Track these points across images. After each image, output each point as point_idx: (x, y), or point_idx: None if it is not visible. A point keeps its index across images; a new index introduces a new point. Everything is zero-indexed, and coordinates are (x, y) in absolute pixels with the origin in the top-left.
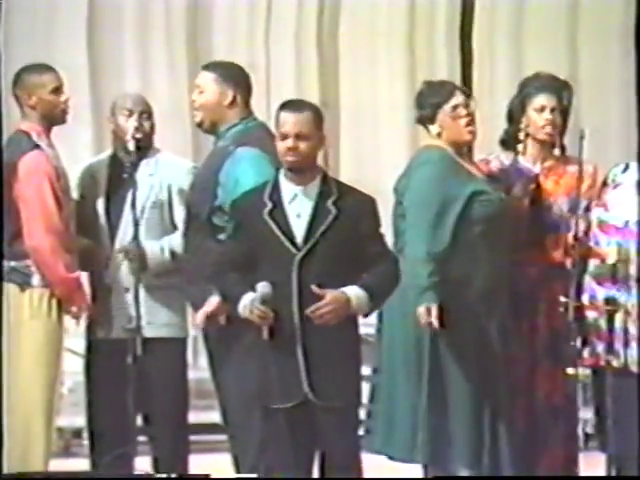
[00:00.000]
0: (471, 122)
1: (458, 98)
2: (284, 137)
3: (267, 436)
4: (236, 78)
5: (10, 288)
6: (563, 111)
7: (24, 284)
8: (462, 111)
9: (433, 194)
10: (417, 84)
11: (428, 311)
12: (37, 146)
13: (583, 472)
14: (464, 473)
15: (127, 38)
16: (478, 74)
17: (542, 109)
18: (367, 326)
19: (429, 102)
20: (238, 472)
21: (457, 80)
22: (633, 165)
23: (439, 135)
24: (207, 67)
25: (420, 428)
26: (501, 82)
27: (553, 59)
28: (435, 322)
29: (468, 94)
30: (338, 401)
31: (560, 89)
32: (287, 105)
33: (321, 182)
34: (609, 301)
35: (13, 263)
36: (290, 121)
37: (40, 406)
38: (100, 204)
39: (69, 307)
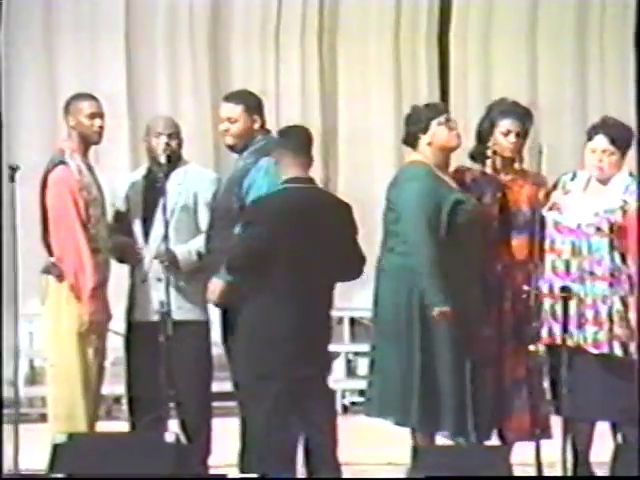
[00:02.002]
0: (458, 135)
1: (447, 115)
2: None
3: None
4: (258, 105)
5: (50, 279)
6: (524, 134)
7: (61, 276)
8: (451, 124)
9: (425, 204)
10: (403, 110)
11: (444, 314)
12: (63, 162)
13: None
14: (448, 439)
15: (159, 69)
16: (454, 101)
17: (508, 133)
18: (364, 310)
19: (425, 116)
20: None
21: None
22: (580, 174)
23: (429, 144)
24: (230, 98)
25: (412, 396)
26: (472, 106)
27: (516, 84)
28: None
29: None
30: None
31: (524, 116)
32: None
33: None
34: (564, 289)
35: (52, 258)
36: None
37: (79, 376)
38: (137, 209)
39: (85, 306)
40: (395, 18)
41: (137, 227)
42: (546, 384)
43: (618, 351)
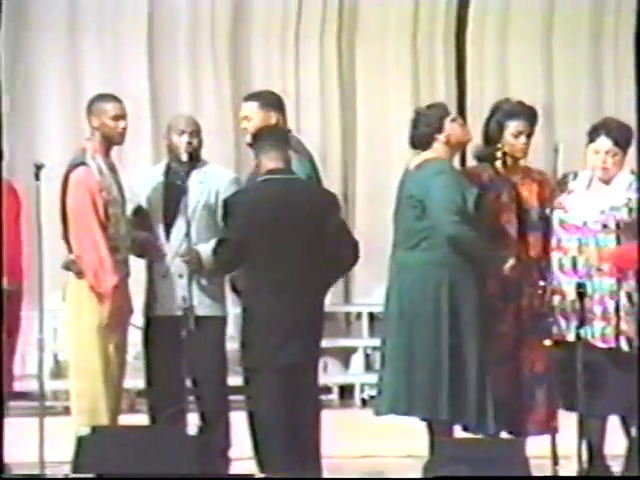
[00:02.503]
0: (467, 128)
1: (453, 115)
2: None
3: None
4: (275, 103)
5: (71, 275)
6: (531, 133)
7: (81, 273)
8: (460, 120)
9: (454, 194)
10: None
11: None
12: (84, 163)
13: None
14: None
15: (180, 69)
16: (471, 99)
17: (518, 134)
18: (377, 306)
19: (436, 116)
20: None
21: (453, 103)
22: (582, 173)
23: (446, 143)
24: (248, 98)
25: (441, 390)
26: (488, 104)
27: (532, 84)
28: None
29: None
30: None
31: (531, 116)
32: None
33: None
34: (580, 286)
35: (72, 256)
36: None
37: (100, 371)
38: (158, 206)
39: (105, 304)
40: (413, 18)
41: (158, 223)
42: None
43: (625, 346)
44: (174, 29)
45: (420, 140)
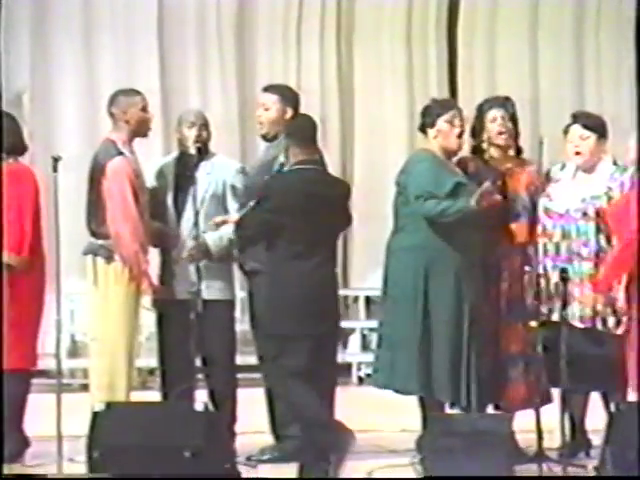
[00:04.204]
0: (461, 134)
1: (455, 112)
2: None
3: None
4: (293, 100)
5: (98, 260)
6: (512, 119)
7: (109, 258)
8: (456, 122)
9: (430, 180)
10: (414, 104)
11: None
12: (121, 153)
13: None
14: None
15: (190, 66)
16: (462, 95)
17: (494, 119)
18: (378, 290)
19: (434, 112)
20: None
21: None
22: (569, 164)
23: (435, 138)
24: (269, 89)
25: (414, 366)
26: (478, 100)
27: (519, 80)
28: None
29: (461, 111)
30: None
31: (504, 102)
32: None
33: None
34: (563, 271)
35: (101, 242)
36: None
37: (122, 350)
38: (169, 196)
39: (137, 280)
40: (407, 17)
41: (170, 212)
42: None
43: (600, 326)
44: (183, 30)
45: (421, 128)
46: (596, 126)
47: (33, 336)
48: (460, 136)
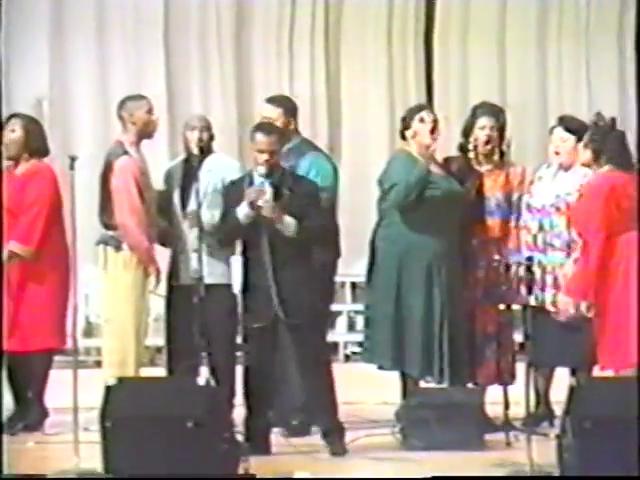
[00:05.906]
0: (433, 130)
1: (425, 112)
2: (260, 152)
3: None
4: (294, 110)
5: (109, 249)
6: (499, 128)
7: (118, 247)
8: (427, 119)
9: (399, 172)
10: (394, 109)
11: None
12: (126, 153)
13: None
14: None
15: (193, 73)
16: (438, 99)
17: (483, 128)
18: (362, 276)
19: (408, 116)
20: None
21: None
22: (553, 164)
23: (413, 137)
24: (272, 102)
25: (390, 345)
26: (453, 103)
27: (489, 85)
28: None
29: (432, 111)
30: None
31: (497, 112)
32: (260, 128)
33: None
34: (529, 259)
35: (111, 232)
36: (264, 141)
37: (132, 330)
38: (176, 195)
39: (144, 266)
40: (388, 19)
41: (175, 210)
42: (520, 338)
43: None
44: (187, 40)
45: (400, 135)
46: (576, 129)
47: (63, 318)
48: (433, 131)
